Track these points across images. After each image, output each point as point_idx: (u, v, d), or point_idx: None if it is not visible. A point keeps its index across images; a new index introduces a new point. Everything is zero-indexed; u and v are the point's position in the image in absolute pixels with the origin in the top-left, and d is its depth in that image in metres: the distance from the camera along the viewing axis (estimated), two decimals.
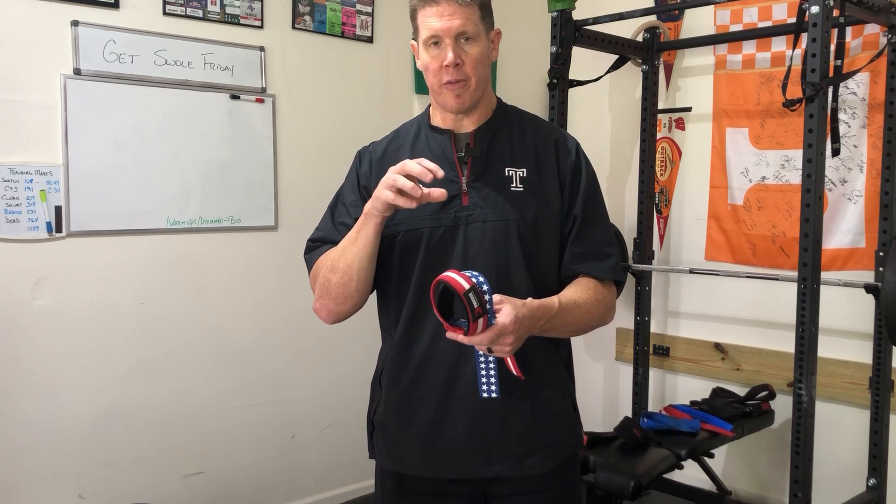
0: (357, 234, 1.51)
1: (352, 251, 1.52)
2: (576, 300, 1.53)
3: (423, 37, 1.56)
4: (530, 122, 1.69)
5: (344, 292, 1.55)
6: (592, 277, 1.60)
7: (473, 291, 1.31)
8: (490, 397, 1.46)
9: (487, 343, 1.35)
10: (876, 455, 2.86)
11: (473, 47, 1.54)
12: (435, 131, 1.64)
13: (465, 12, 1.53)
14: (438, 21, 1.52)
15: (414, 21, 1.59)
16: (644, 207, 3.44)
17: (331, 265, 1.55)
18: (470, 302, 1.30)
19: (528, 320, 1.39)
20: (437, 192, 1.42)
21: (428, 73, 1.58)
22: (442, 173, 1.41)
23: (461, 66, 1.53)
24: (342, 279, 1.53)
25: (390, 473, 1.66)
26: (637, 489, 2.49)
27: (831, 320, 2.87)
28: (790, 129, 3.11)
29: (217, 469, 3.06)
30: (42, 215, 2.61)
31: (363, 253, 1.51)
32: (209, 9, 2.94)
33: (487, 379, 1.45)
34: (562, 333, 1.56)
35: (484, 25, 1.57)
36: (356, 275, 1.52)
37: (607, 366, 3.83)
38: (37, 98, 2.60)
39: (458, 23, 1.52)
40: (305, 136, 3.23)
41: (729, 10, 3.24)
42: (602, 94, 3.68)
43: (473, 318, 1.31)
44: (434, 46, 1.55)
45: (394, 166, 1.43)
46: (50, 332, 2.65)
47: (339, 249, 1.55)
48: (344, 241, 1.56)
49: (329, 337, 3.23)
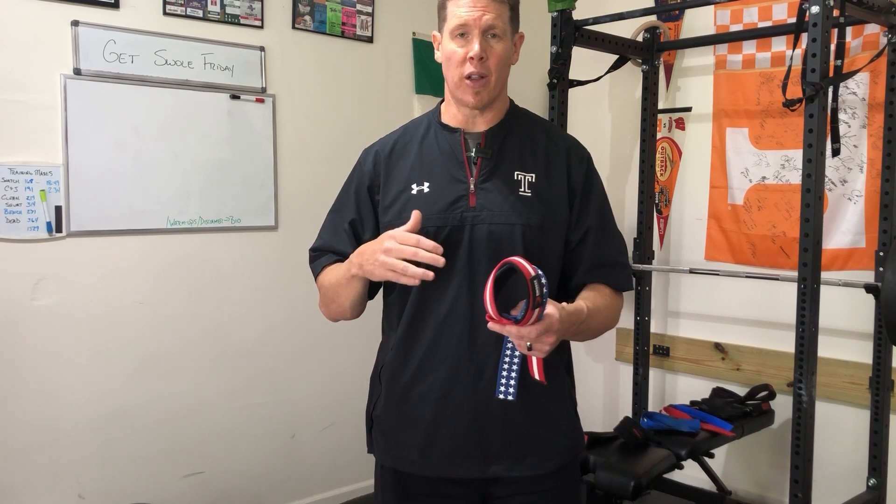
0: (347, 284, 1.57)
1: (345, 294, 1.60)
2: (598, 306, 1.55)
3: (450, 26, 1.55)
4: (542, 127, 1.68)
5: (341, 316, 1.67)
6: (609, 287, 1.62)
7: (538, 280, 1.30)
8: (506, 399, 1.46)
9: (535, 336, 1.34)
10: (876, 455, 2.86)
11: (499, 44, 1.54)
12: (445, 129, 1.63)
13: (497, 8, 1.53)
14: (470, 12, 1.52)
15: (442, 11, 1.57)
16: (644, 207, 3.44)
17: (329, 297, 1.64)
18: (534, 289, 1.30)
19: (566, 322, 1.40)
20: (430, 274, 1.43)
21: (450, 64, 1.56)
22: (442, 262, 1.43)
23: (485, 60, 1.53)
24: (338, 309, 1.64)
25: (390, 472, 1.66)
26: (637, 489, 2.49)
27: (831, 320, 2.87)
28: (790, 129, 3.11)
29: (217, 469, 3.06)
30: (42, 215, 2.61)
31: (355, 298, 1.60)
32: (209, 9, 2.94)
33: (507, 380, 1.44)
34: (582, 338, 1.58)
35: (511, 26, 1.57)
36: (349, 309, 1.63)
37: (607, 366, 3.83)
38: (37, 98, 2.60)
39: (489, 17, 1.52)
40: (305, 136, 3.23)
41: (729, 10, 3.24)
42: (602, 94, 3.68)
43: (533, 305, 1.30)
44: (460, 38, 1.54)
45: (399, 235, 1.44)
46: (50, 332, 2.65)
47: (334, 288, 1.61)
48: (336, 282, 1.60)
49: (329, 336, 3.22)
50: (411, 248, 1.42)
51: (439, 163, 1.60)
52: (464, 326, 1.54)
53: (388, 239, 1.45)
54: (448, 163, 1.59)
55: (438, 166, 1.60)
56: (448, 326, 1.55)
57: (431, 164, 1.60)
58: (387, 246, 1.44)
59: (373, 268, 1.47)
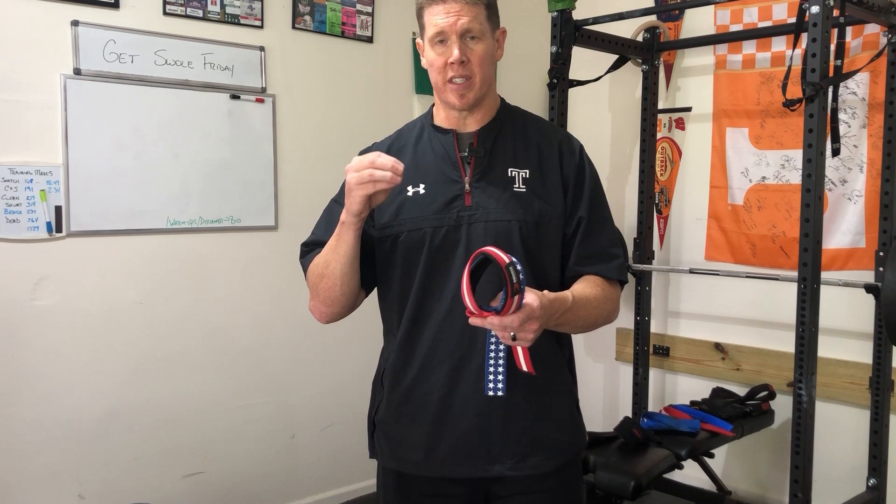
0: (337, 241, 1.54)
1: (334, 258, 1.55)
2: (587, 296, 1.54)
3: (429, 34, 1.57)
4: (533, 122, 1.69)
5: (331, 296, 1.59)
6: (601, 277, 1.61)
7: (513, 266, 1.30)
8: (496, 395, 1.45)
9: (518, 325, 1.33)
10: (876, 455, 2.86)
11: (479, 45, 1.55)
12: (438, 131, 1.64)
13: (472, 11, 1.54)
14: (444, 18, 1.53)
15: (420, 19, 1.59)
16: (644, 207, 3.44)
17: (319, 272, 1.58)
18: (510, 276, 1.29)
19: (548, 308, 1.39)
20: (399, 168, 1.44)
21: (433, 70, 1.58)
22: (401, 167, 1.44)
23: (466, 63, 1.54)
24: (328, 284, 1.57)
25: (392, 474, 1.66)
26: (637, 489, 2.49)
27: (831, 320, 2.87)
28: (790, 129, 3.11)
29: (217, 469, 3.06)
30: (42, 215, 2.61)
31: (345, 259, 1.54)
32: (209, 9, 2.94)
33: (495, 376, 1.43)
34: (572, 329, 1.57)
35: (490, 24, 1.58)
36: (339, 279, 1.56)
37: (607, 366, 3.83)
38: (37, 98, 2.60)
39: (464, 21, 1.53)
40: (305, 136, 3.23)
41: (729, 10, 3.24)
42: (602, 94, 3.68)
43: (512, 293, 1.30)
44: (440, 44, 1.55)
45: (352, 165, 1.45)
46: (50, 332, 2.65)
47: (323, 257, 1.58)
48: (326, 249, 1.58)
49: (329, 337, 3.23)
50: (367, 165, 1.43)
51: (433, 164, 1.61)
52: (464, 325, 1.52)
53: (347, 172, 1.46)
54: (442, 164, 1.60)
55: (433, 168, 1.61)
56: (448, 326, 1.55)
57: (426, 165, 1.62)
58: (349, 177, 1.45)
59: (350, 200, 1.46)
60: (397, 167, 1.43)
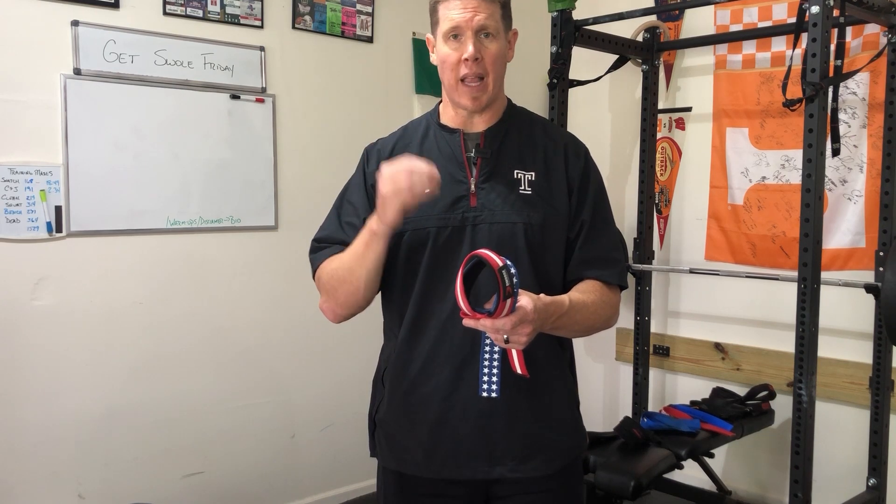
0: (365, 249, 1.51)
1: (359, 265, 1.52)
2: (584, 300, 1.53)
3: (443, 29, 1.55)
4: (540, 125, 1.68)
5: (352, 300, 1.57)
6: (600, 282, 1.60)
7: (507, 270, 1.30)
8: (490, 397, 1.45)
9: (510, 327, 1.33)
10: (876, 455, 2.86)
11: (493, 44, 1.54)
12: (444, 130, 1.63)
13: (488, 8, 1.52)
14: (461, 14, 1.52)
15: (434, 14, 1.57)
16: (644, 207, 3.44)
17: (340, 276, 1.56)
18: (503, 279, 1.29)
19: (543, 312, 1.39)
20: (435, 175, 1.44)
21: (445, 66, 1.56)
22: (438, 175, 1.44)
23: (480, 60, 1.53)
24: (350, 289, 1.55)
25: (392, 474, 1.66)
26: (637, 489, 2.49)
27: (831, 320, 2.87)
28: (790, 129, 3.11)
29: (217, 469, 3.06)
30: (42, 215, 2.61)
31: (372, 266, 1.52)
32: (209, 9, 2.94)
33: (489, 377, 1.43)
34: (569, 333, 1.56)
35: (504, 24, 1.57)
36: (364, 286, 1.54)
37: (607, 366, 3.83)
38: (37, 98, 2.60)
39: (480, 17, 1.52)
40: (305, 136, 3.23)
41: (729, 10, 3.24)
42: (602, 94, 3.68)
43: (504, 296, 1.29)
44: (454, 40, 1.54)
45: (386, 174, 1.44)
46: (50, 332, 2.65)
47: (347, 263, 1.55)
48: (350, 255, 1.55)
49: (329, 337, 3.22)
50: (404, 174, 1.41)
51: (439, 164, 1.59)
52: (466, 327, 1.53)
53: (382, 181, 1.44)
54: (448, 163, 1.59)
55: (438, 167, 1.58)
56: (450, 327, 1.54)
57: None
58: (383, 188, 1.43)
59: (385, 211, 1.44)
60: (434, 174, 1.42)
